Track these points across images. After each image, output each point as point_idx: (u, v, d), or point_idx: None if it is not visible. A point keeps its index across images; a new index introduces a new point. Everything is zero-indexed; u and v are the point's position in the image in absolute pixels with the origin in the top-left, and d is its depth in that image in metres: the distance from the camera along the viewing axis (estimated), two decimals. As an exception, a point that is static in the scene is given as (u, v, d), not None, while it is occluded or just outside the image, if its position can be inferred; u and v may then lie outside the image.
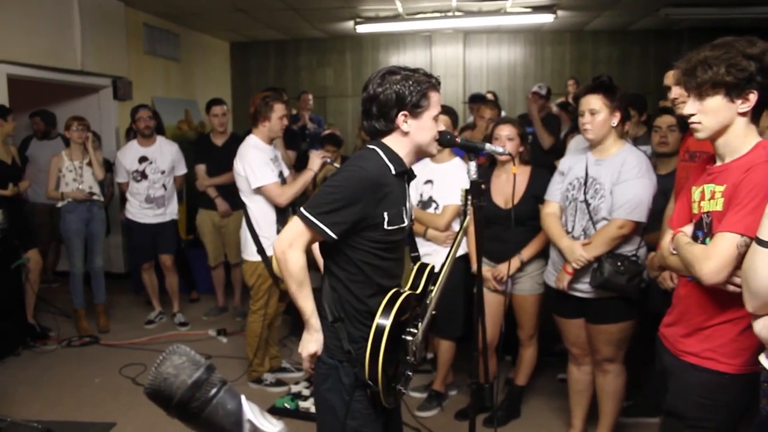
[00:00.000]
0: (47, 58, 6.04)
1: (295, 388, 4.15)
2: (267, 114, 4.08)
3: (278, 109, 4.10)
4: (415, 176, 2.29)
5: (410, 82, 2.08)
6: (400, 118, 2.10)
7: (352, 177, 2.06)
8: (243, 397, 1.07)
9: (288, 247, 2.04)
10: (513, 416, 3.84)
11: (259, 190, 4.00)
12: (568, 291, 3.12)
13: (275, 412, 3.92)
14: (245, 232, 4.14)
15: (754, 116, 1.94)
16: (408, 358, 2.17)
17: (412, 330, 2.17)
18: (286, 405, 3.94)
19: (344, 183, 2.05)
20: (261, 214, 4.06)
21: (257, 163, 3.98)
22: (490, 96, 7.83)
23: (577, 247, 3.02)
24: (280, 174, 4.13)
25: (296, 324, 5.32)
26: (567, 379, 3.51)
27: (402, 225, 2.14)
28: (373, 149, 2.14)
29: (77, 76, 6.58)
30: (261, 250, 4.08)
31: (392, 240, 2.12)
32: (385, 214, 2.07)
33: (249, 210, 4.10)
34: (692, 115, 1.97)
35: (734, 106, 1.91)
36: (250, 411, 1.06)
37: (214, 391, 1.04)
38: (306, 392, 4.06)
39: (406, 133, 2.13)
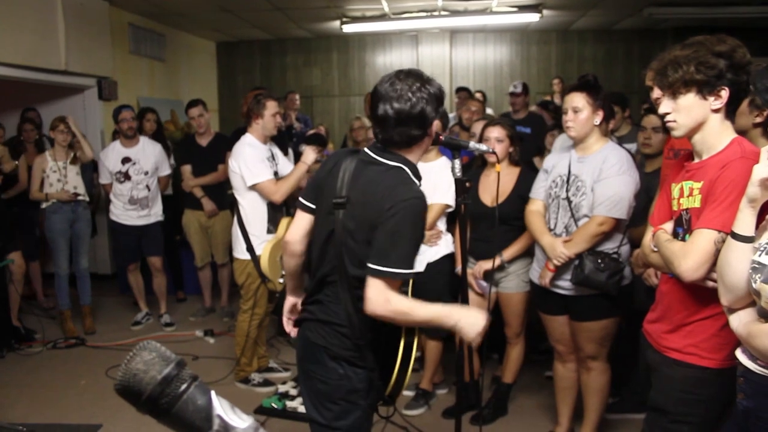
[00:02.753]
0: (31, 58, 5.99)
1: (282, 388, 4.15)
2: (260, 111, 4.09)
3: (270, 107, 4.11)
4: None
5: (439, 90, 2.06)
6: (434, 128, 2.11)
7: (418, 212, 1.98)
8: (213, 393, 1.07)
9: (386, 305, 1.94)
10: (500, 414, 3.85)
11: (254, 188, 4.00)
12: (550, 288, 3.14)
13: (262, 411, 3.92)
14: (236, 230, 4.15)
15: (729, 113, 1.97)
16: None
17: (412, 338, 2.20)
18: (273, 404, 3.94)
19: (414, 222, 1.97)
20: (252, 212, 4.07)
21: (252, 160, 3.98)
22: (478, 96, 7.86)
23: (558, 244, 3.04)
24: (276, 174, 4.12)
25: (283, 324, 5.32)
26: (553, 376, 3.53)
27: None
28: (401, 168, 2.06)
29: (61, 76, 6.53)
30: (250, 248, 4.07)
31: None
32: None
33: (241, 207, 4.10)
34: (667, 113, 1.99)
35: (707, 104, 1.93)
36: (220, 406, 1.06)
37: (184, 386, 1.04)
38: (293, 392, 4.06)
39: (425, 143, 2.11)
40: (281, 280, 4.04)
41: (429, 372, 4.03)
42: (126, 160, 5.42)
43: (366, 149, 2.13)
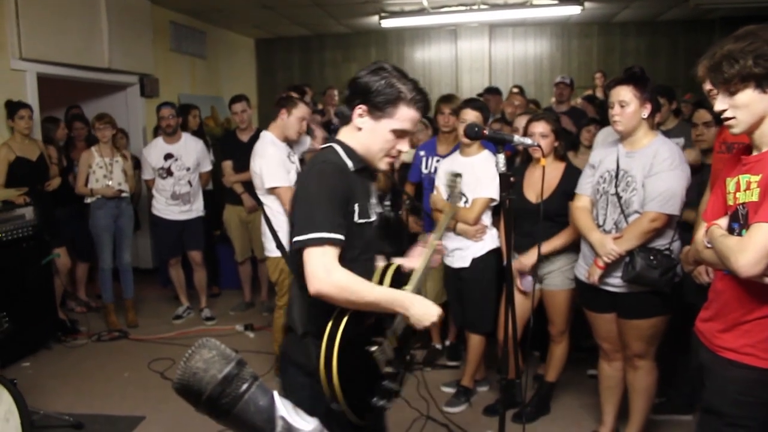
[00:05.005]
0: (76, 57, 6.10)
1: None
2: (290, 108, 4.10)
3: (301, 108, 4.14)
4: (375, 177, 2.15)
5: (386, 83, 1.92)
6: (357, 110, 1.96)
7: (322, 173, 1.91)
8: (275, 393, 1.04)
9: (327, 277, 1.79)
10: (542, 412, 3.79)
11: (271, 190, 4.02)
12: (599, 285, 3.07)
13: (302, 407, 3.92)
14: (264, 229, 4.16)
15: None
16: (384, 370, 1.96)
17: (377, 339, 1.95)
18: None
19: (319, 183, 1.89)
20: (278, 208, 4.07)
21: (273, 163, 4.00)
22: (515, 90, 7.76)
23: (608, 240, 2.97)
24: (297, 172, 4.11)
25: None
26: (597, 375, 3.46)
27: (370, 220, 2.00)
28: (330, 146, 2.02)
29: (105, 73, 6.64)
30: (280, 245, 4.08)
31: (361, 237, 1.97)
32: (356, 206, 1.94)
33: (266, 206, 4.11)
34: (725, 110, 1.91)
35: (766, 97, 1.85)
36: (283, 407, 1.03)
37: (245, 386, 1.01)
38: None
39: (359, 129, 1.98)
40: None
41: (471, 368, 3.98)
42: (168, 156, 5.49)
43: None
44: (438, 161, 4.34)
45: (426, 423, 3.73)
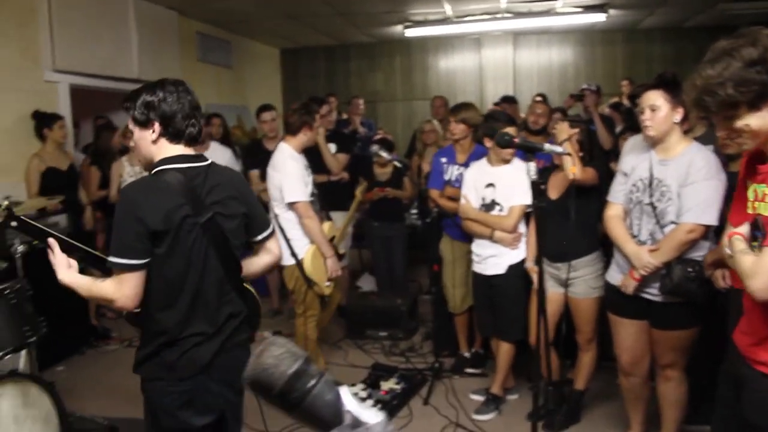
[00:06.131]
0: (106, 68, 6.22)
1: (352, 390, 4.16)
2: (311, 122, 4.17)
3: (317, 118, 4.33)
4: None
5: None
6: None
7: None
8: (342, 389, 1.09)
9: None
10: (572, 421, 3.77)
11: (291, 205, 4.06)
12: (635, 292, 3.03)
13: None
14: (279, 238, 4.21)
15: None
16: None
17: None
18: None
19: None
20: (291, 217, 4.13)
21: (294, 178, 4.06)
22: (538, 98, 7.75)
23: (644, 253, 2.92)
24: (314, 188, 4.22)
25: (351, 327, 5.35)
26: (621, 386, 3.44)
27: None
28: None
29: (134, 84, 6.69)
30: (294, 254, 4.14)
31: None
32: None
33: (279, 218, 4.15)
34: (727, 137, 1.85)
35: (763, 113, 1.75)
36: (351, 402, 1.07)
37: (313, 382, 1.05)
38: (363, 394, 4.08)
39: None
40: (328, 284, 4.17)
41: (500, 376, 3.98)
42: (197, 164, 5.54)
43: None
44: (458, 169, 4.36)
45: (455, 431, 3.74)
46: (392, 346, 5.03)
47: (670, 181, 2.90)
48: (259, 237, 2.38)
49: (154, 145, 2.14)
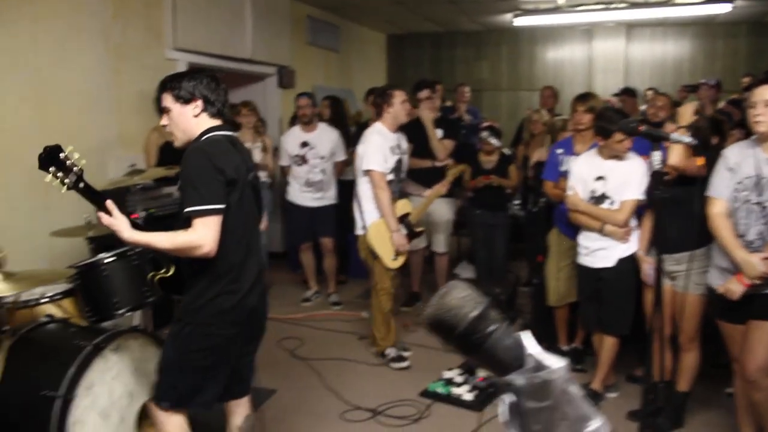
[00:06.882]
0: (222, 48, 6.44)
1: (447, 374, 4.17)
2: (389, 101, 4.40)
3: (399, 95, 4.42)
4: None
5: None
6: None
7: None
8: (524, 334, 1.09)
9: None
10: (677, 424, 3.62)
11: (367, 173, 4.31)
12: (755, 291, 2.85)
13: (427, 395, 3.98)
14: (355, 208, 4.52)
15: None
16: None
17: None
18: (438, 390, 3.98)
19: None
20: (366, 189, 4.37)
21: (374, 148, 4.31)
22: (650, 93, 7.46)
23: (757, 261, 2.76)
24: (398, 162, 4.42)
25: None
26: (733, 393, 3.26)
27: None
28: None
29: (247, 64, 6.97)
30: (364, 226, 4.41)
31: None
32: None
33: (357, 186, 4.44)
34: None
35: None
36: (533, 346, 1.07)
37: (494, 326, 1.07)
38: (459, 379, 4.08)
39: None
40: (394, 258, 4.33)
41: (602, 372, 3.87)
42: (304, 144, 5.69)
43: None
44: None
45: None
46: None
47: None
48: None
49: (195, 119, 2.42)
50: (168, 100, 2.42)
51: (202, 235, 2.22)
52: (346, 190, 5.95)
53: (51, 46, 4.60)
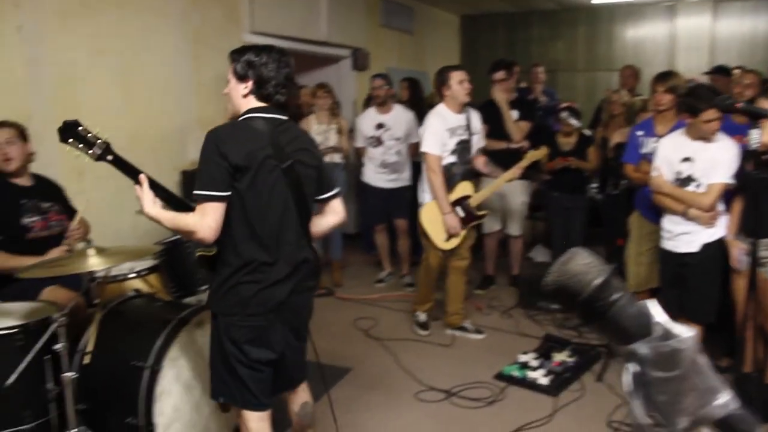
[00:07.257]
0: (298, 30, 6.52)
1: (522, 358, 4.14)
2: (446, 82, 4.39)
3: (455, 76, 4.40)
4: None
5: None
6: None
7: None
8: (650, 302, 1.08)
9: None
10: (767, 419, 3.47)
11: (422, 155, 4.41)
12: None
13: (502, 378, 3.96)
14: (419, 186, 4.66)
15: None
16: None
17: None
18: (513, 373, 3.95)
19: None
20: (424, 168, 4.48)
21: (431, 130, 4.37)
22: (737, 72, 7.10)
23: None
24: (461, 143, 4.43)
25: (523, 296, 5.29)
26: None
27: None
28: None
29: (322, 47, 7.03)
30: (419, 204, 4.55)
31: None
32: None
33: (424, 166, 4.50)
34: None
35: None
36: (661, 314, 1.06)
37: (618, 294, 1.05)
38: (534, 363, 4.04)
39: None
40: (446, 239, 4.39)
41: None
42: (379, 126, 5.71)
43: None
44: (656, 142, 4.11)
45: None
46: (565, 319, 4.90)
47: None
48: (326, 195, 2.56)
49: (244, 99, 2.38)
50: (230, 71, 2.41)
51: (197, 220, 2.21)
52: (421, 171, 5.96)
53: (135, 32, 4.77)
